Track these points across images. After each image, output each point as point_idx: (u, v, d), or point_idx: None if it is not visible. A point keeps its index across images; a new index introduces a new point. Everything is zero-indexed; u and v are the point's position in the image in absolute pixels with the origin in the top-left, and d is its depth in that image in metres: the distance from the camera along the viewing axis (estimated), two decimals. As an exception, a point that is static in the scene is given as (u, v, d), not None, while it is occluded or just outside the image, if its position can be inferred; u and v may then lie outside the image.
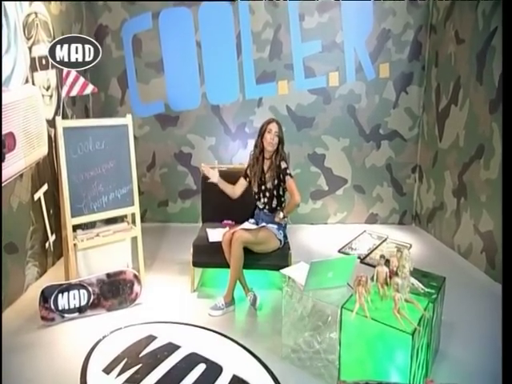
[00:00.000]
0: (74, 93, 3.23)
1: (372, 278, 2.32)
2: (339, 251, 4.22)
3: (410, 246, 4.33)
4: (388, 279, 2.24)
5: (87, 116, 4.77)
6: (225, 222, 3.68)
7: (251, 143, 4.86)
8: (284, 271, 2.55)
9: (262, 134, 3.23)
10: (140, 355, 2.52)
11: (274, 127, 3.17)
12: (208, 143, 4.96)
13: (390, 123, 4.87)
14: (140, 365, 2.43)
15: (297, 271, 2.53)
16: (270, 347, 2.59)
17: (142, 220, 5.11)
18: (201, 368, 2.40)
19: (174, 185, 5.08)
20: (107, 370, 2.39)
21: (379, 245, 4.36)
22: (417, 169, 5.00)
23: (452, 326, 2.78)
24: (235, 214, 3.63)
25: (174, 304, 3.20)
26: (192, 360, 2.46)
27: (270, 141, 3.16)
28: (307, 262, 3.94)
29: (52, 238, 3.85)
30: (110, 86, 4.82)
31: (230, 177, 3.61)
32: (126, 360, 2.47)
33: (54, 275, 3.62)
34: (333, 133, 4.90)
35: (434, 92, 4.54)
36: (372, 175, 5.01)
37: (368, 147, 4.94)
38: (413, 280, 2.34)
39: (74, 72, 3.18)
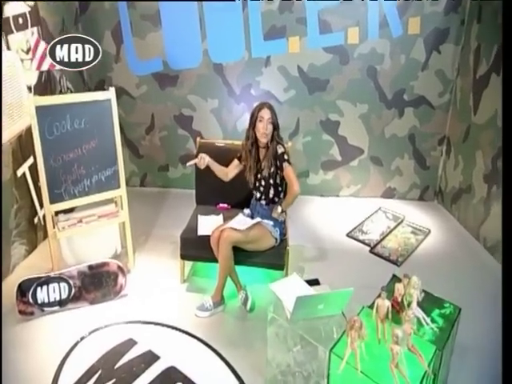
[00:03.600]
0: (44, 67, 2.85)
1: (371, 307, 2.00)
2: (348, 235, 3.88)
3: (429, 231, 3.94)
4: (389, 314, 1.93)
5: (81, 75, 4.36)
6: (220, 205, 3.38)
7: (257, 107, 4.46)
8: (272, 287, 2.24)
9: (253, 123, 2.80)
10: (116, 366, 2.38)
11: (265, 114, 2.75)
12: (210, 106, 4.51)
13: (416, 88, 4.25)
14: (113, 380, 2.27)
15: (287, 288, 2.22)
16: (255, 364, 2.37)
17: (142, 184, 4.95)
18: (177, 389, 2.22)
19: (174, 149, 4.74)
20: (78, 385, 2.25)
21: (393, 229, 3.97)
22: (444, 141, 4.43)
23: (466, 348, 2.44)
24: (231, 197, 3.34)
25: (161, 297, 3.00)
26: (169, 378, 2.29)
27: (263, 131, 2.75)
28: (312, 244, 3.74)
29: (41, 213, 3.64)
30: (103, 40, 4.33)
31: (228, 154, 3.24)
32: (99, 373, 2.32)
33: (45, 251, 3.44)
34: (349, 97, 4.34)
35: (472, 54, 3.85)
36: (392, 146, 4.50)
37: (389, 115, 4.37)
38: (419, 313, 2.01)
39: (43, 44, 2.77)
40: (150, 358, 2.42)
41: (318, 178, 4.70)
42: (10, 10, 3.10)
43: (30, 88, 3.37)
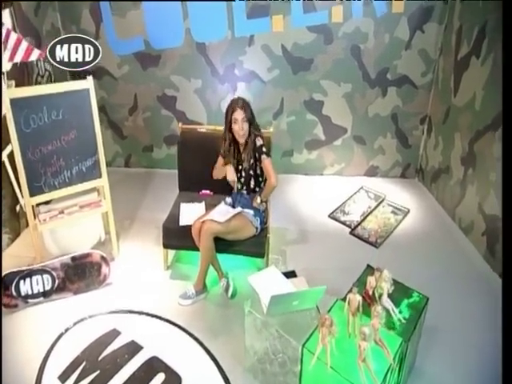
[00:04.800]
0: (17, 59, 2.75)
1: (345, 299, 2.08)
2: (329, 216, 3.95)
3: (408, 211, 4.01)
4: (360, 308, 2.01)
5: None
6: (203, 191, 3.40)
7: (241, 87, 4.42)
8: (250, 280, 2.31)
9: (228, 124, 2.82)
10: (100, 357, 2.45)
11: (239, 115, 2.77)
12: (194, 86, 4.44)
13: (399, 67, 4.21)
14: (98, 372, 2.36)
15: (265, 281, 2.29)
16: (235, 352, 2.46)
17: (127, 165, 4.93)
18: (159, 379, 2.32)
19: (158, 129, 4.71)
20: (63, 377, 2.33)
21: (374, 208, 4.04)
22: (426, 120, 4.44)
23: (434, 330, 2.55)
24: (214, 184, 3.32)
25: (145, 286, 3.06)
26: (152, 368, 2.38)
27: (239, 131, 2.79)
28: (295, 226, 3.80)
29: (23, 201, 3.62)
30: (81, 18, 4.20)
31: (211, 141, 3.24)
32: (84, 364, 2.40)
33: (29, 238, 3.42)
34: (333, 77, 4.29)
35: (454, 34, 3.79)
36: (375, 125, 4.50)
37: (372, 94, 4.35)
38: (389, 305, 2.10)
39: (14, 35, 2.69)
40: (133, 348, 2.50)
41: (302, 157, 4.72)
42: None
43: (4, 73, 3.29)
